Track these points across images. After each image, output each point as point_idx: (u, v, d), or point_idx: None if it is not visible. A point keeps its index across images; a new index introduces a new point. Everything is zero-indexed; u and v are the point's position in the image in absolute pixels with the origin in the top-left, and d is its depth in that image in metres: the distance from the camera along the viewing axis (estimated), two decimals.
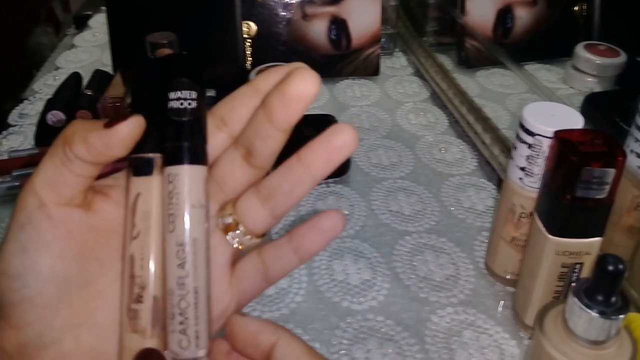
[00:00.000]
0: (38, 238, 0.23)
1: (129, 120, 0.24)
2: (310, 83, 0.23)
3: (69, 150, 0.24)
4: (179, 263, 0.24)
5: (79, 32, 0.97)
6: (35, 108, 0.75)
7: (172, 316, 0.24)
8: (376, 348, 0.44)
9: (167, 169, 0.24)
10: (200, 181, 0.25)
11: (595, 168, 0.36)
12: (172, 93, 0.25)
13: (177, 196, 0.24)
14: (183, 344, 0.24)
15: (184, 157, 0.24)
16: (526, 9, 0.76)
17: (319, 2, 0.77)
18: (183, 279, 0.24)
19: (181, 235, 0.24)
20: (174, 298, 0.24)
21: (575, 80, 0.72)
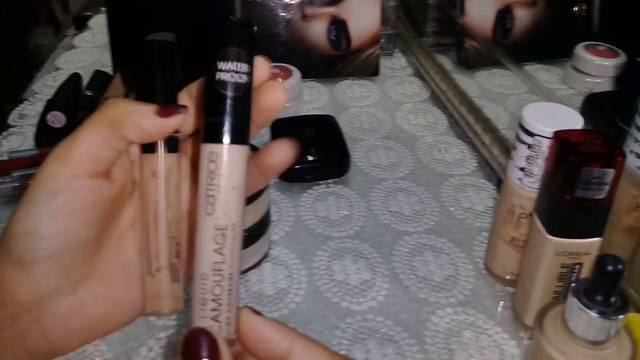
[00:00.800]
0: (69, 206, 0.24)
1: (181, 113, 0.25)
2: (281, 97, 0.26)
3: (117, 130, 0.24)
4: (216, 248, 0.23)
5: (78, 33, 0.97)
6: (35, 109, 0.75)
7: (203, 301, 0.23)
8: (376, 348, 0.44)
9: (209, 146, 0.23)
10: (243, 162, 0.23)
11: (594, 168, 0.36)
12: (222, 63, 0.23)
13: (219, 177, 0.23)
14: (214, 330, 0.23)
15: (229, 135, 0.23)
16: (526, 10, 0.76)
17: (318, 3, 0.77)
18: (219, 265, 0.23)
19: (221, 218, 0.23)
20: (208, 283, 0.23)
21: (574, 81, 0.72)
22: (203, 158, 0.23)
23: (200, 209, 0.23)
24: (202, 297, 0.23)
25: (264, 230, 0.50)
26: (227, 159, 0.23)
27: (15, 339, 0.25)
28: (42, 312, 0.25)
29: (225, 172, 0.23)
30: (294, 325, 0.45)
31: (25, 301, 0.25)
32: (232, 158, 0.23)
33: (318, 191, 0.60)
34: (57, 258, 0.25)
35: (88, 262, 0.26)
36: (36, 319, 0.25)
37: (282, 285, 0.49)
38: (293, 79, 0.71)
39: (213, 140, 0.23)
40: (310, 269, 0.51)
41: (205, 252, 0.23)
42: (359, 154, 0.66)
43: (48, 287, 0.25)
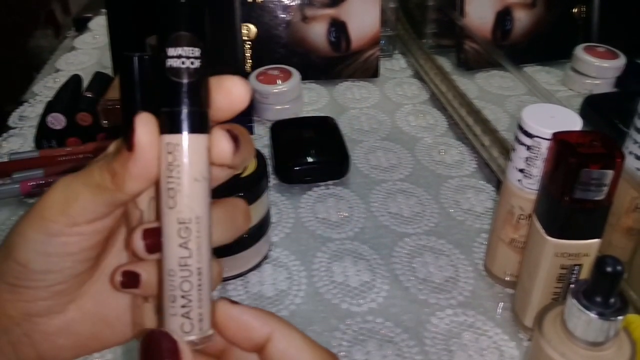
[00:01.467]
0: (65, 249, 0.24)
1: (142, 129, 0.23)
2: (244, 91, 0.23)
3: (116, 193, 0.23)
4: (181, 242, 0.22)
5: (79, 35, 0.97)
6: (36, 110, 0.75)
7: (172, 298, 0.22)
8: (376, 350, 0.44)
9: (165, 137, 0.22)
10: (203, 152, 0.22)
11: (593, 170, 0.36)
12: (171, 49, 0.21)
13: (178, 169, 0.22)
14: (186, 328, 0.23)
15: (186, 124, 0.21)
16: (525, 11, 0.77)
17: (318, 5, 0.77)
18: (185, 260, 0.22)
19: (183, 212, 0.22)
20: (176, 280, 0.22)
21: (574, 82, 0.72)
22: (161, 150, 0.22)
23: (162, 203, 0.22)
24: (171, 294, 0.22)
25: (264, 232, 0.50)
26: (186, 150, 0.22)
27: (7, 348, 0.25)
28: (31, 328, 0.25)
29: (185, 162, 0.22)
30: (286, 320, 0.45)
31: (15, 316, 0.25)
32: (191, 148, 0.22)
33: (318, 193, 0.60)
34: (49, 288, 0.25)
35: (81, 286, 0.26)
36: (26, 333, 0.25)
37: (282, 287, 0.49)
38: (293, 80, 0.72)
39: (169, 131, 0.22)
40: (310, 270, 0.51)
41: (170, 248, 0.22)
42: (359, 155, 0.66)
43: (38, 308, 0.25)
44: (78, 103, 0.68)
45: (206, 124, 0.22)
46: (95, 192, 0.23)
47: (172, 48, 0.21)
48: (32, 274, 0.24)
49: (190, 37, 0.21)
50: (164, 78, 0.21)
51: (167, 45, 0.21)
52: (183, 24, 0.21)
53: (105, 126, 0.66)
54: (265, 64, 0.74)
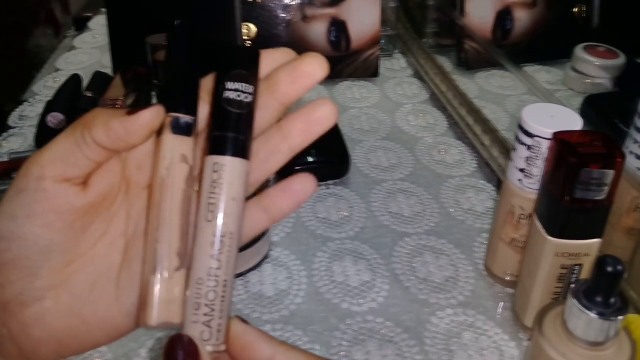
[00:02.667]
0: (29, 207, 0.24)
1: (150, 108, 0.24)
2: (320, 65, 0.25)
3: (87, 133, 0.24)
4: (212, 254, 0.24)
5: (78, 34, 0.97)
6: (35, 110, 0.75)
7: (196, 306, 0.24)
8: (376, 349, 0.44)
9: (213, 158, 0.24)
10: (243, 175, 0.25)
11: (594, 169, 0.36)
12: (230, 83, 0.25)
13: (220, 187, 0.24)
14: (205, 336, 0.24)
15: (232, 148, 0.24)
16: (525, 11, 0.77)
17: (318, 4, 0.77)
18: (215, 271, 0.24)
19: (219, 226, 0.24)
20: (203, 288, 0.24)
21: (574, 82, 0.72)
22: (207, 168, 0.24)
23: (201, 216, 0.24)
24: (196, 302, 0.24)
25: (264, 232, 0.50)
26: (229, 170, 0.24)
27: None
28: (9, 318, 0.25)
29: (226, 182, 0.24)
30: (293, 326, 0.46)
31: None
32: (234, 170, 0.24)
33: (318, 192, 0.60)
34: (18, 262, 0.24)
35: (57, 271, 0.25)
36: (4, 324, 0.25)
37: (282, 287, 0.49)
38: None
39: (217, 152, 0.24)
40: (310, 270, 0.51)
41: (202, 258, 0.24)
42: (359, 155, 0.66)
43: (11, 292, 0.25)
44: (78, 102, 0.68)
45: (249, 151, 0.25)
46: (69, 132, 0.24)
47: (230, 82, 0.25)
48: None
49: (247, 75, 0.25)
50: (220, 106, 0.25)
51: (227, 79, 0.25)
52: (243, 63, 0.25)
53: None
54: None
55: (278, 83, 0.25)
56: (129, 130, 0.24)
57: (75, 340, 0.26)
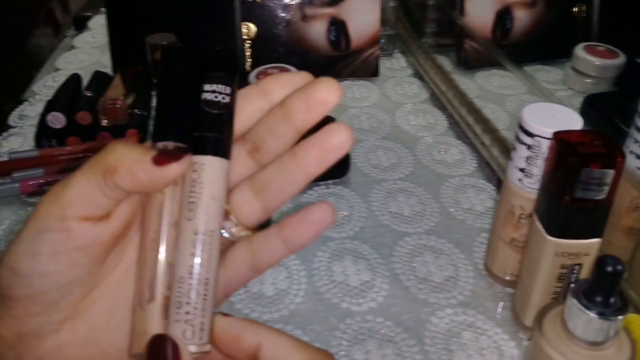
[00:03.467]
0: (53, 247, 0.23)
1: (181, 161, 0.24)
2: (334, 92, 0.25)
3: (110, 177, 0.23)
4: (193, 252, 0.24)
5: (78, 34, 0.97)
6: (35, 109, 0.75)
7: (178, 305, 0.24)
8: (375, 349, 0.44)
9: (194, 158, 0.25)
10: (223, 174, 0.25)
11: (594, 169, 0.36)
12: (207, 85, 0.25)
13: (200, 186, 0.24)
14: (187, 335, 0.24)
15: (211, 148, 0.25)
16: (525, 10, 0.77)
17: (318, 4, 0.77)
18: (196, 268, 0.24)
19: (200, 224, 0.24)
20: (184, 287, 0.24)
21: (574, 82, 0.72)
22: (188, 169, 0.25)
23: (182, 215, 0.25)
24: (178, 301, 0.24)
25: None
26: (208, 170, 0.25)
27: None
28: (24, 350, 0.24)
29: (206, 181, 0.24)
30: (293, 326, 0.46)
31: (8, 337, 0.24)
32: (213, 169, 0.25)
33: (318, 192, 0.60)
34: (39, 297, 0.24)
35: (76, 303, 0.25)
36: (19, 356, 0.24)
37: (281, 286, 0.49)
38: None
39: (196, 152, 0.25)
40: (310, 269, 0.51)
41: (184, 256, 0.24)
42: (359, 154, 0.66)
43: (29, 325, 0.24)
44: (78, 102, 0.68)
45: (229, 151, 0.25)
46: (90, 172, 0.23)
47: (208, 84, 0.25)
48: (19, 278, 0.23)
49: (224, 77, 0.25)
50: (198, 108, 0.25)
51: (205, 82, 0.25)
52: (220, 65, 0.26)
53: (105, 125, 0.66)
54: (265, 63, 0.74)
55: (293, 111, 0.25)
56: (156, 181, 0.24)
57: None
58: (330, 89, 0.25)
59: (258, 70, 0.73)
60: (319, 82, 0.25)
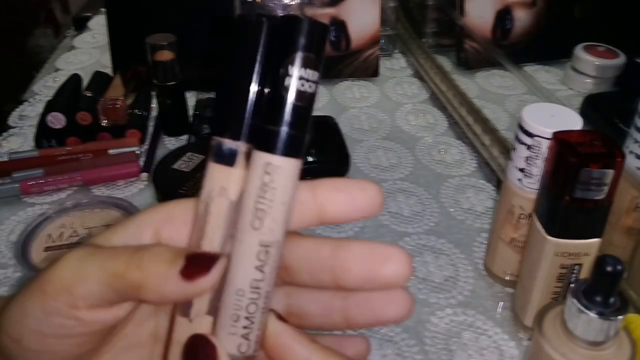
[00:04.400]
0: (61, 331, 0.22)
1: (213, 273, 0.21)
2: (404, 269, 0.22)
3: (134, 294, 0.21)
4: (258, 265, 0.21)
5: (78, 34, 0.97)
6: (35, 110, 0.75)
7: (235, 318, 0.22)
8: (375, 349, 0.44)
9: (264, 156, 0.21)
10: (296, 177, 0.22)
11: (594, 169, 0.36)
12: (293, 68, 0.20)
13: (273, 192, 0.21)
14: (242, 349, 0.22)
15: (289, 148, 0.21)
16: (525, 10, 0.77)
17: (318, 4, 0.77)
18: (258, 283, 0.22)
19: (267, 235, 0.21)
20: (243, 300, 0.22)
21: (574, 82, 0.72)
22: (256, 168, 0.21)
23: (245, 221, 0.21)
24: (234, 314, 0.22)
25: None
26: (284, 173, 0.21)
27: None
28: None
29: (279, 186, 0.21)
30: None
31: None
32: (289, 172, 0.21)
33: None
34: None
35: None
36: None
37: None
38: None
39: (270, 150, 0.21)
40: None
41: (245, 268, 0.22)
42: (359, 154, 0.66)
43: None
44: (78, 102, 0.68)
45: (304, 150, 0.22)
46: (113, 281, 0.21)
47: (294, 67, 0.20)
48: (24, 351, 0.22)
49: (314, 60, 0.21)
50: (279, 96, 0.20)
51: (289, 62, 0.20)
52: (308, 43, 0.20)
53: (105, 125, 0.66)
54: None
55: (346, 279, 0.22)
56: (184, 297, 0.21)
57: None
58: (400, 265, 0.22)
59: None
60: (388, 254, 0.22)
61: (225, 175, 0.22)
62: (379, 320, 0.24)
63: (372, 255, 0.22)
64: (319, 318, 0.24)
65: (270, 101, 0.21)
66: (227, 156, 0.22)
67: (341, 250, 0.23)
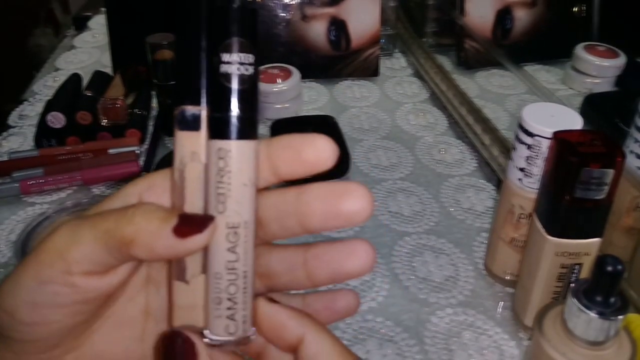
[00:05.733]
0: (55, 299, 0.22)
1: (206, 232, 0.21)
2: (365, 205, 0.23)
3: (125, 249, 0.21)
4: (229, 247, 0.22)
5: (78, 33, 0.97)
6: (35, 109, 0.75)
7: (218, 301, 0.23)
8: (376, 349, 0.44)
9: (216, 143, 0.22)
10: (253, 157, 0.22)
11: (594, 169, 0.36)
12: (225, 55, 0.21)
13: (229, 175, 0.22)
14: (231, 329, 0.23)
15: (238, 131, 0.22)
16: (525, 10, 0.76)
17: (318, 3, 0.77)
18: (233, 264, 0.22)
19: (233, 217, 0.22)
20: (222, 283, 0.22)
21: (574, 81, 0.72)
22: (211, 155, 0.22)
23: (211, 207, 0.22)
24: (216, 297, 0.23)
25: None
26: (237, 155, 0.22)
27: None
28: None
29: (235, 169, 0.22)
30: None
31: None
32: (242, 154, 0.22)
33: None
34: (38, 342, 0.23)
35: (77, 338, 0.24)
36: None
37: None
38: (293, 79, 0.71)
39: (220, 136, 0.22)
40: None
41: (218, 251, 0.22)
42: (359, 154, 0.66)
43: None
44: (78, 102, 0.68)
45: (256, 130, 0.23)
46: (106, 240, 0.21)
47: (226, 54, 0.21)
48: (18, 324, 0.22)
49: (245, 44, 0.21)
50: (217, 83, 0.21)
51: (221, 51, 0.21)
52: (238, 29, 0.21)
53: (105, 125, 0.66)
54: (265, 62, 0.74)
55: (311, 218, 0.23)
56: (176, 253, 0.22)
57: None
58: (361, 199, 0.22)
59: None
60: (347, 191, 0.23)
61: (193, 140, 0.22)
62: (339, 273, 0.24)
63: (333, 192, 0.23)
64: (285, 277, 0.25)
65: (212, 90, 0.22)
66: (192, 121, 0.22)
67: (304, 192, 0.23)
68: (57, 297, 0.22)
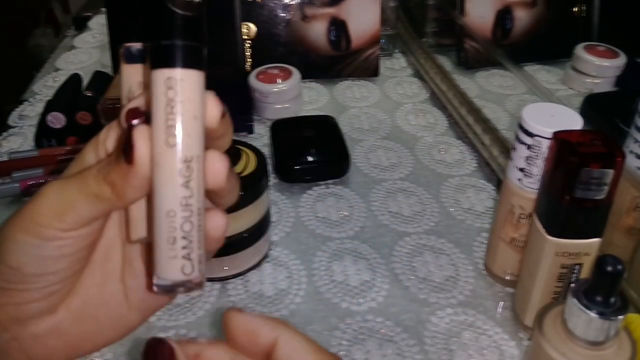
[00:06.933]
0: (60, 251, 0.24)
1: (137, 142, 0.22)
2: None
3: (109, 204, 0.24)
4: (183, 182, 0.21)
5: (78, 34, 0.97)
6: (35, 109, 0.75)
7: (172, 240, 0.22)
8: (376, 349, 0.44)
9: (164, 72, 0.21)
10: (201, 89, 0.22)
11: (594, 169, 0.36)
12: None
13: (181, 105, 0.21)
14: (186, 270, 0.22)
15: (187, 59, 0.21)
16: (525, 10, 0.76)
17: (318, 4, 0.77)
18: (188, 199, 0.22)
19: (186, 150, 0.21)
20: (176, 220, 0.22)
21: (574, 81, 0.72)
22: (158, 85, 0.21)
23: (159, 141, 0.21)
24: (170, 236, 0.22)
25: (264, 231, 0.50)
26: (187, 85, 0.21)
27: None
28: (20, 331, 0.25)
29: (185, 99, 0.21)
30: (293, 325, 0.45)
31: (4, 320, 0.25)
32: (192, 84, 0.21)
33: (318, 192, 0.60)
34: (43, 289, 0.25)
35: (73, 285, 0.26)
36: (15, 337, 0.25)
37: (282, 286, 0.49)
38: (293, 79, 0.71)
39: (168, 64, 0.21)
40: (310, 269, 0.51)
41: (170, 188, 0.21)
42: (359, 154, 0.66)
43: (27, 311, 0.25)
44: (78, 102, 0.68)
45: (204, 61, 0.22)
46: (93, 201, 0.23)
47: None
48: (25, 277, 0.24)
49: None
50: (167, 10, 0.21)
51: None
52: None
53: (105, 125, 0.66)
54: (265, 62, 0.74)
55: None
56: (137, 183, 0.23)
57: (89, 343, 0.27)
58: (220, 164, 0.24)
59: (258, 70, 0.73)
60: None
61: (139, 71, 0.24)
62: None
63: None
64: None
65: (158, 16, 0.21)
66: (137, 56, 0.24)
67: None
68: (62, 249, 0.24)
